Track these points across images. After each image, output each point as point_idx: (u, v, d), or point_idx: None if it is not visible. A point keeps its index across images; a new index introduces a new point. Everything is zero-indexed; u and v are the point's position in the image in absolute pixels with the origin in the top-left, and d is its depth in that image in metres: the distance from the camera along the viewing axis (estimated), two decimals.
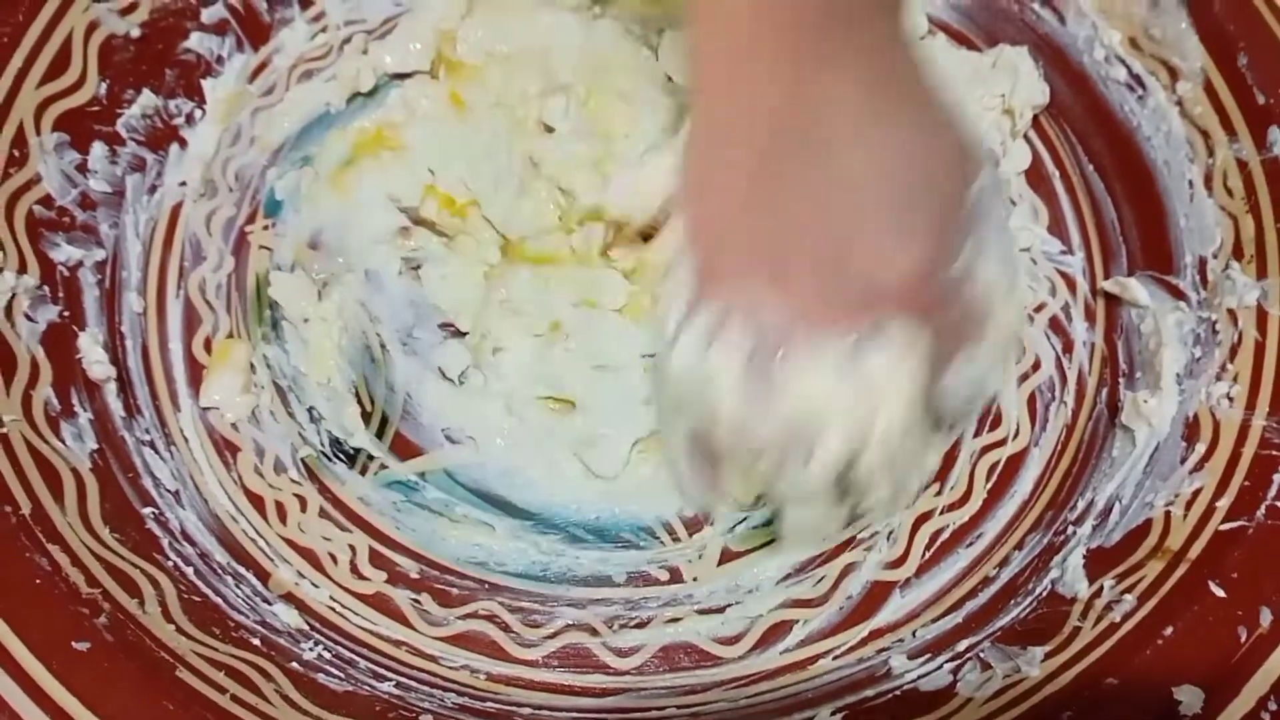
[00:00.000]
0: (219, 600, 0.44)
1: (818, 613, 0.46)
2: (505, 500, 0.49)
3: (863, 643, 0.45)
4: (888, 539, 0.48)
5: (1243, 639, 0.39)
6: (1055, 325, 0.52)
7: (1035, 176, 0.55)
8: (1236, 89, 0.50)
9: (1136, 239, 0.53)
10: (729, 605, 0.47)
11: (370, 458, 0.50)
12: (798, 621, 0.46)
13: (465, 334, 0.51)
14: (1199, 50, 0.50)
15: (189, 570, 0.44)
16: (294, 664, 0.42)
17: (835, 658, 0.45)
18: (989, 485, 0.49)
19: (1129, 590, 0.42)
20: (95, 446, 0.46)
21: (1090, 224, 0.54)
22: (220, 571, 0.45)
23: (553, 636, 0.46)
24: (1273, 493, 0.42)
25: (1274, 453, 0.43)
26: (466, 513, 0.49)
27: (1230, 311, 0.47)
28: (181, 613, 0.42)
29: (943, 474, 0.49)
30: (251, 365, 0.51)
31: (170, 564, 0.44)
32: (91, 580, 0.41)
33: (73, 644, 0.38)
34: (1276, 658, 0.38)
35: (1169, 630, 0.39)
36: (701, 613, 0.47)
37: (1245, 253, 0.48)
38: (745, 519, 0.48)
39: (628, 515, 0.49)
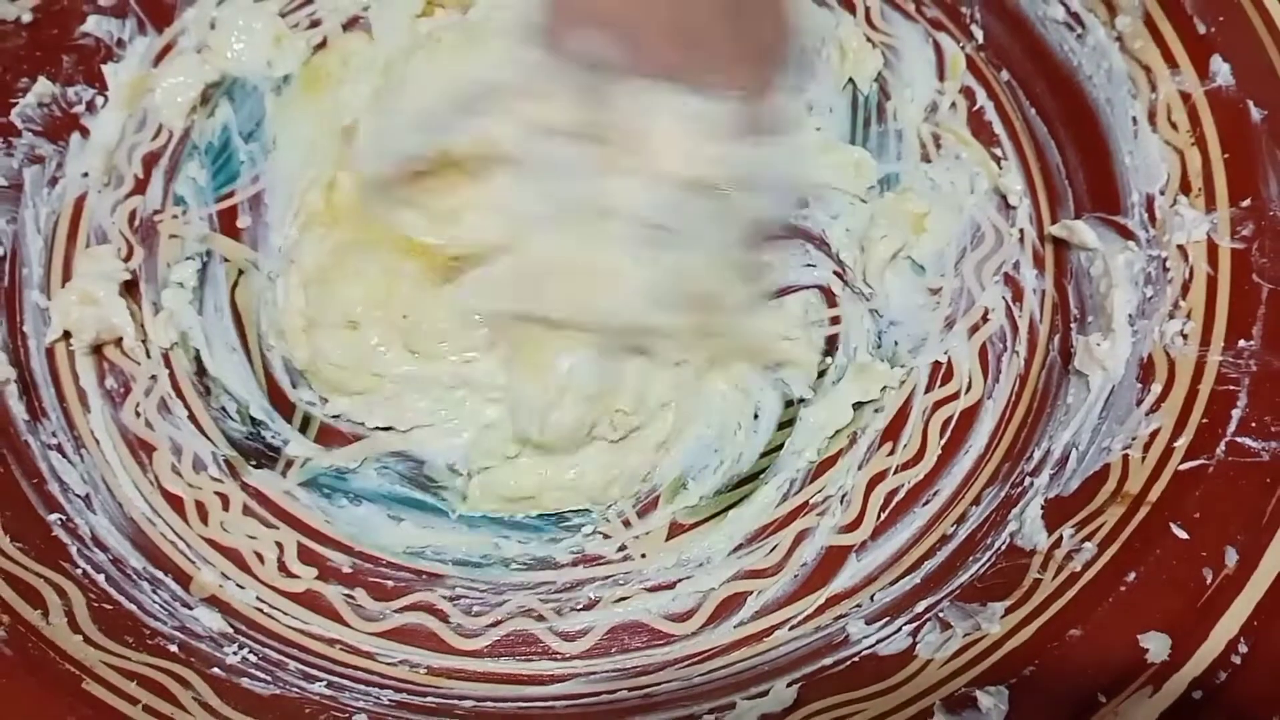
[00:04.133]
0: (133, 607, 0.41)
1: (772, 583, 0.44)
2: (440, 486, 0.46)
3: (819, 610, 0.44)
4: (841, 502, 0.46)
5: (1208, 581, 0.37)
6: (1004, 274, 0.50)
7: (977, 123, 0.54)
8: (1176, 20, 0.48)
9: (1082, 181, 0.51)
10: (679, 580, 0.45)
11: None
12: (751, 593, 0.44)
13: None
14: None
15: (99, 577, 0.41)
16: (215, 669, 0.39)
17: (791, 628, 0.43)
18: (943, 441, 0.47)
19: (1089, 538, 0.40)
20: None
21: (1035, 169, 0.53)
22: (135, 577, 0.43)
23: (496, 625, 0.44)
24: (1232, 428, 0.40)
25: (1232, 388, 0.41)
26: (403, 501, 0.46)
27: (1180, 247, 0.45)
28: (90, 622, 0.39)
29: (895, 432, 0.47)
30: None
31: (79, 572, 0.41)
32: None
33: None
34: (1245, 598, 0.36)
35: (1131, 576, 0.38)
36: (651, 590, 0.44)
37: (1193, 186, 0.46)
38: (693, 492, 0.46)
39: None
